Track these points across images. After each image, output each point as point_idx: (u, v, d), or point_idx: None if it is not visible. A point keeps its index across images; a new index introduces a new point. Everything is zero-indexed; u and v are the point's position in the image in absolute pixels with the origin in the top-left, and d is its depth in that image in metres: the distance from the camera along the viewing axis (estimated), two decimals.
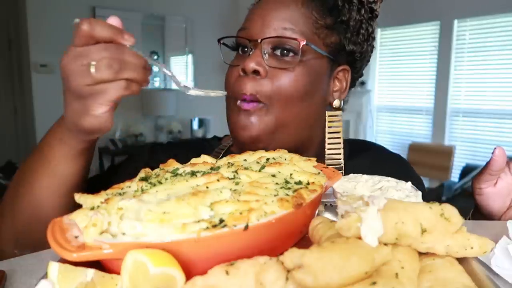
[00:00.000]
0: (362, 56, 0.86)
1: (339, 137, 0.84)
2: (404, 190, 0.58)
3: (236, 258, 0.38)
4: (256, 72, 0.75)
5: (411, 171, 0.96)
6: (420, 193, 0.57)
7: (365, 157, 0.92)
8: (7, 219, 0.70)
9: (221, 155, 0.87)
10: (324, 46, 0.80)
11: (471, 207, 0.85)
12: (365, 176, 0.64)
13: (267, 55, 0.76)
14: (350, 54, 0.84)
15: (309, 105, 0.80)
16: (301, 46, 0.75)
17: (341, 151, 0.84)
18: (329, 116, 0.84)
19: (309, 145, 0.86)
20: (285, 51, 0.76)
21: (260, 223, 0.41)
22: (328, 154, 0.84)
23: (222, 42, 0.84)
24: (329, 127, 0.84)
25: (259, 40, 0.76)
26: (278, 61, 0.76)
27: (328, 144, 0.84)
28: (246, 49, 0.79)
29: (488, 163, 0.73)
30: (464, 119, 4.69)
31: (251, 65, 0.74)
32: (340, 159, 0.84)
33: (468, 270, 0.41)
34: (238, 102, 0.77)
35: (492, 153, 0.72)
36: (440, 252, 0.41)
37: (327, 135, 0.84)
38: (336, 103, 0.84)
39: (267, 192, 0.46)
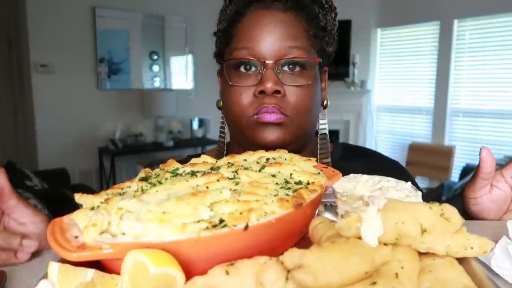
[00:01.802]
0: (334, 54, 0.91)
1: (326, 133, 0.90)
2: (404, 190, 0.58)
3: (236, 258, 0.38)
4: (277, 91, 0.77)
5: (409, 178, 0.96)
6: (420, 193, 0.57)
7: (361, 163, 0.93)
8: None
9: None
10: (316, 54, 0.84)
11: None
12: (365, 176, 0.63)
13: (280, 74, 0.78)
14: (329, 56, 0.89)
15: (316, 111, 0.86)
16: (318, 67, 0.82)
17: (328, 145, 0.90)
18: (321, 115, 0.89)
19: (307, 145, 0.90)
20: (296, 69, 0.79)
21: (260, 223, 0.41)
22: (321, 149, 0.88)
23: (222, 62, 0.84)
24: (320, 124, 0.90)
25: (271, 61, 0.77)
26: (292, 79, 0.79)
27: (320, 139, 0.89)
28: (252, 68, 0.79)
29: (478, 168, 0.71)
30: (464, 119, 4.69)
31: (270, 85, 0.76)
32: (328, 156, 0.89)
33: (468, 270, 0.41)
34: (256, 116, 0.78)
35: (479, 154, 0.70)
36: (440, 252, 0.41)
37: (320, 131, 0.89)
38: (325, 103, 0.90)
39: (267, 192, 0.46)
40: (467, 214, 0.76)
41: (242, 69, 0.80)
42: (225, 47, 0.86)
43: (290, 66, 0.79)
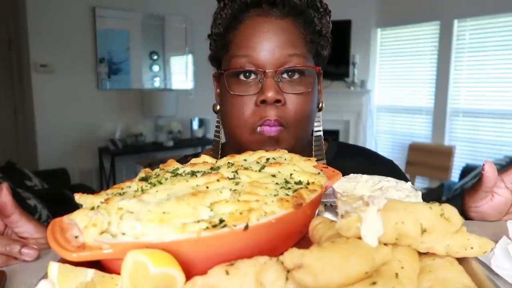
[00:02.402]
0: (328, 56, 0.90)
1: (321, 135, 0.91)
2: (404, 190, 0.58)
3: (236, 258, 0.38)
4: (277, 101, 0.77)
5: (404, 177, 0.96)
6: (420, 193, 0.57)
7: (354, 161, 0.94)
8: None
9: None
10: (312, 60, 0.84)
11: None
12: (365, 176, 0.63)
13: (281, 82, 0.78)
14: (324, 59, 0.89)
15: (314, 117, 0.87)
16: (316, 73, 0.82)
17: (322, 146, 0.91)
18: (316, 117, 0.89)
19: (304, 150, 0.90)
20: (294, 76, 0.80)
21: (260, 223, 0.41)
22: (315, 150, 0.89)
23: (223, 72, 0.82)
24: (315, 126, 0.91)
25: (271, 70, 0.77)
26: (292, 87, 0.79)
27: (315, 141, 0.90)
28: (251, 76, 0.79)
29: (480, 181, 0.70)
30: (464, 119, 4.69)
31: (272, 94, 0.76)
32: (323, 158, 0.90)
33: (468, 270, 0.41)
34: (259, 128, 0.78)
35: (482, 170, 0.68)
36: (440, 252, 0.41)
37: (314, 133, 0.90)
38: (321, 105, 0.90)
39: (267, 192, 0.46)
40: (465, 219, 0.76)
41: (241, 76, 0.80)
42: (222, 52, 0.85)
43: (289, 73, 0.79)
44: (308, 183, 0.52)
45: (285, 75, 0.79)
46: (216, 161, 0.60)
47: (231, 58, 0.80)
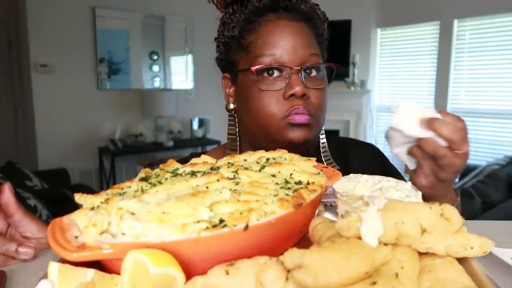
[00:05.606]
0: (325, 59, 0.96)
1: (323, 133, 0.95)
2: (404, 190, 0.58)
3: (236, 258, 0.38)
4: (304, 95, 0.83)
5: (385, 158, 1.02)
6: (420, 193, 0.57)
7: (339, 151, 1.00)
8: None
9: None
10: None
11: (471, 207, 0.84)
12: (365, 176, 0.63)
13: (304, 79, 0.84)
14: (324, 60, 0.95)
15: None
16: (335, 69, 0.89)
17: (325, 141, 0.97)
18: None
19: (316, 143, 0.95)
20: (313, 74, 0.86)
21: (260, 223, 0.41)
22: (323, 147, 0.94)
23: (254, 70, 0.84)
24: None
25: (298, 67, 0.83)
26: (312, 83, 0.85)
27: (320, 135, 0.94)
28: (274, 73, 0.84)
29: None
30: (464, 119, 4.68)
31: (300, 89, 0.81)
32: (327, 152, 0.95)
33: (468, 270, 0.41)
34: (289, 117, 0.82)
35: None
36: (440, 252, 0.41)
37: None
38: None
39: (267, 192, 0.46)
40: None
41: (266, 74, 0.84)
42: (238, 54, 0.88)
43: (307, 71, 0.85)
44: (308, 183, 0.52)
45: (306, 73, 0.85)
46: (216, 161, 0.60)
47: (255, 57, 0.85)
